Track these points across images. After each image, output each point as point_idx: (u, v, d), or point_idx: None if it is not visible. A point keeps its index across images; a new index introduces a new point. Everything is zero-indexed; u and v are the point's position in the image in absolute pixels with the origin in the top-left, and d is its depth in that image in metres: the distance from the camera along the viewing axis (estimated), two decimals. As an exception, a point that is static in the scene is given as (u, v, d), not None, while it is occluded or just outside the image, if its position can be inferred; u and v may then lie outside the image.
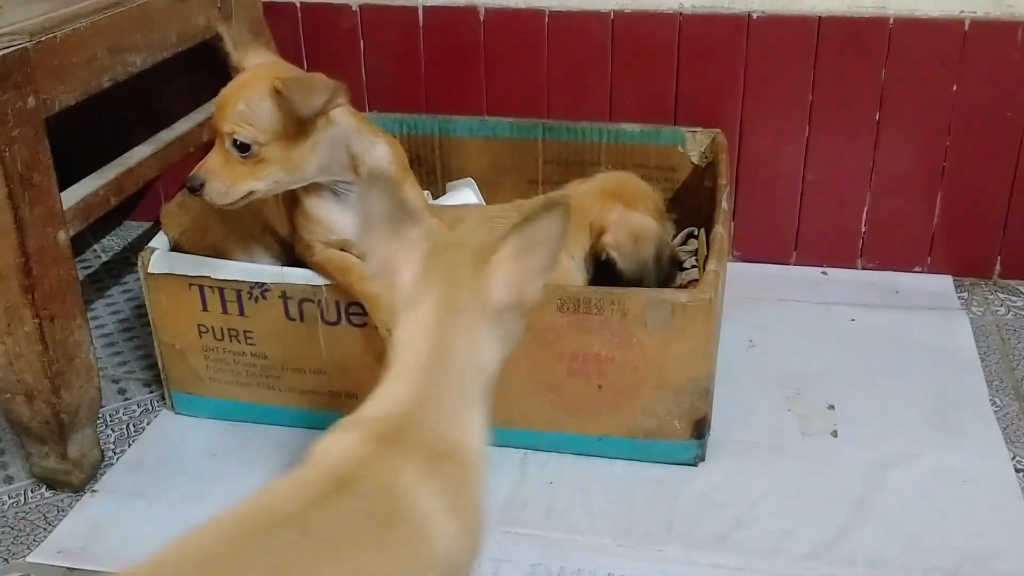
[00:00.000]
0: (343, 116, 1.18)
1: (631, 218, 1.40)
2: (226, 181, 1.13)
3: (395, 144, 1.26)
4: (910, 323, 1.58)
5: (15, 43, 1.09)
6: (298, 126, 1.13)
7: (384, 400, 0.80)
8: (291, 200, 1.24)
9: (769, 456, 1.30)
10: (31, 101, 1.10)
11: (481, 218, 1.45)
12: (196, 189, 1.13)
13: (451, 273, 0.82)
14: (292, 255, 1.31)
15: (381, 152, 1.22)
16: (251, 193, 1.14)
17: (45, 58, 1.13)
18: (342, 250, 1.24)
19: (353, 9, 1.73)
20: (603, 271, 1.39)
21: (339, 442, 0.78)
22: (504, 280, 0.81)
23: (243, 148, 1.12)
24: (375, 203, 0.83)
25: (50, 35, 1.14)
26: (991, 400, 1.40)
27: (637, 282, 1.36)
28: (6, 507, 1.25)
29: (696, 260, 1.54)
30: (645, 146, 1.61)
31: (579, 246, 1.40)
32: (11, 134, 1.07)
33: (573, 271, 1.39)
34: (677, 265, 1.45)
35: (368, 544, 0.72)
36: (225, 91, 1.14)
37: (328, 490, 0.73)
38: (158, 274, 1.30)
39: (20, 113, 1.08)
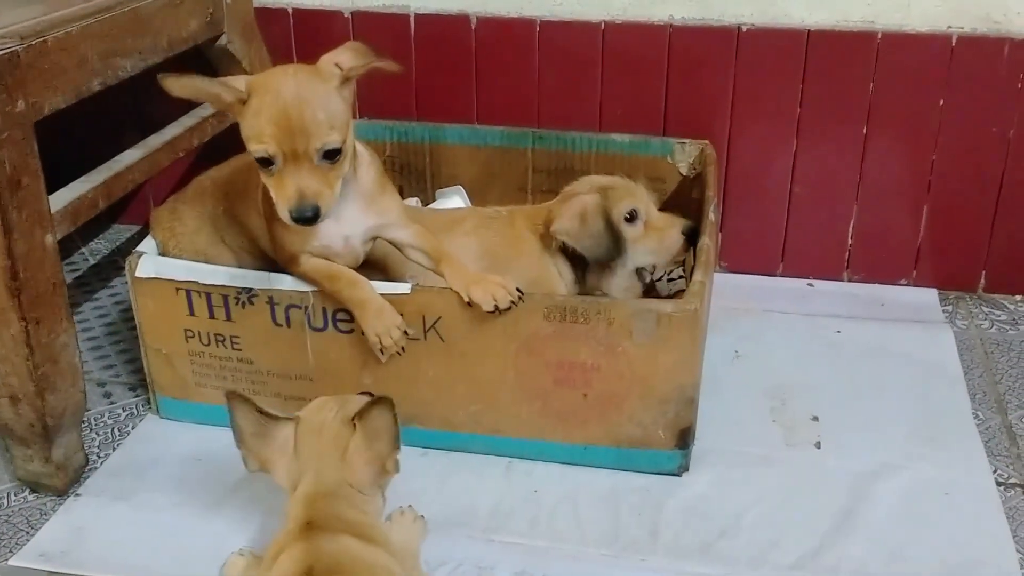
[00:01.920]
0: None
1: (573, 201, 1.40)
2: (330, 194, 1.11)
3: (371, 151, 1.27)
4: (895, 335, 1.58)
5: (5, 46, 1.09)
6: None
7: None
8: (271, 214, 1.23)
9: (753, 466, 1.30)
10: (20, 104, 1.10)
11: (476, 219, 1.46)
12: (315, 218, 1.10)
13: (318, 461, 1.02)
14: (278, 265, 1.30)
15: (361, 151, 1.22)
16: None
17: (36, 61, 1.13)
18: (325, 258, 1.24)
19: (345, 16, 1.73)
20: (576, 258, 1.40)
21: None
22: (361, 465, 1.01)
23: (334, 154, 1.10)
24: (241, 420, 1.03)
25: (41, 39, 1.14)
26: (974, 413, 1.40)
27: (604, 257, 1.37)
28: (-11, 510, 1.25)
29: (683, 270, 1.55)
30: (634, 156, 1.61)
31: (532, 255, 1.42)
32: (0, 137, 1.07)
33: (550, 267, 1.40)
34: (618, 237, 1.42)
35: None
36: (289, 112, 1.07)
37: None
38: (145, 278, 1.30)
39: (9, 116, 1.08)
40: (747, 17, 1.61)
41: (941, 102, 1.60)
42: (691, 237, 1.41)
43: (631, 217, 1.41)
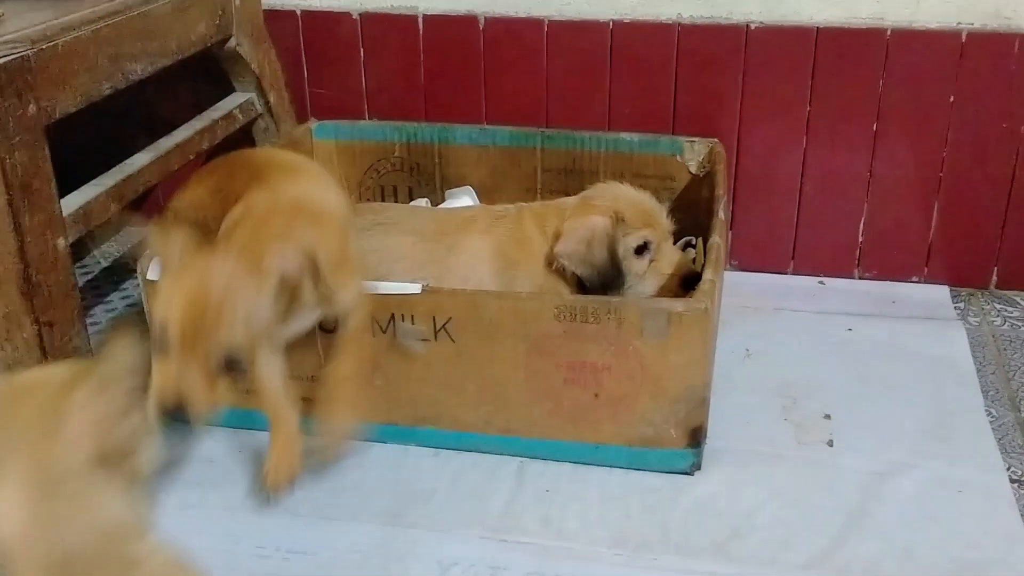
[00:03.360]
0: None
1: (584, 222, 1.37)
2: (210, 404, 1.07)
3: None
4: (907, 333, 1.58)
5: (16, 51, 1.09)
6: None
7: None
8: None
9: (765, 465, 1.30)
10: (32, 108, 1.10)
11: (488, 218, 1.45)
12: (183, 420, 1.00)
13: (24, 437, 0.67)
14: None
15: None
16: None
17: (46, 66, 1.13)
18: None
19: (353, 17, 1.74)
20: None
21: None
22: (85, 430, 0.66)
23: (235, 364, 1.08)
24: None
25: (51, 43, 1.14)
26: (987, 410, 1.40)
27: (601, 287, 1.34)
28: (4, 512, 1.25)
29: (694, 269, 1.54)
30: (643, 155, 1.61)
31: (539, 257, 1.40)
32: (12, 141, 1.08)
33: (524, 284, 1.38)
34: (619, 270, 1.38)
35: None
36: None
37: None
38: (157, 280, 1.30)
39: (21, 120, 1.09)
40: (756, 15, 1.61)
41: (951, 98, 1.60)
42: (688, 282, 1.36)
43: (641, 250, 1.38)
